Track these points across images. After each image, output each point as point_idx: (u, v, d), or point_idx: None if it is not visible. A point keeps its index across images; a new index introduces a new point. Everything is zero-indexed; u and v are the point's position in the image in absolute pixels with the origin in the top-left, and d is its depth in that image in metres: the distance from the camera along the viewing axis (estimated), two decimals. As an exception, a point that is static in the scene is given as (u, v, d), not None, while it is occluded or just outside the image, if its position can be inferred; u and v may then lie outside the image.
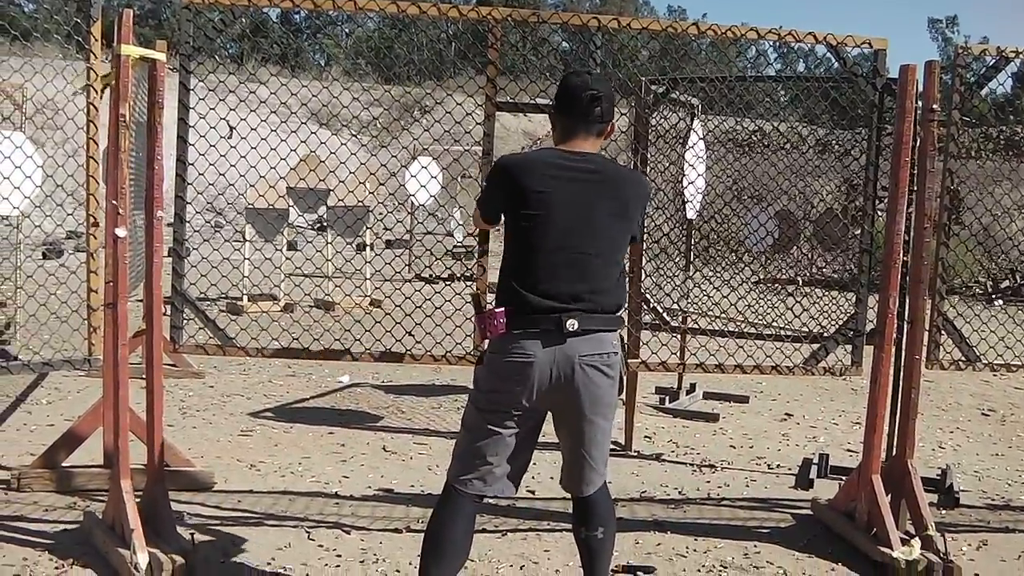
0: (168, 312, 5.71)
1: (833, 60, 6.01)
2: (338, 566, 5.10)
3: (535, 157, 4.22)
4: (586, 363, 4.06)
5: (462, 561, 4.27)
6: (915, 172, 5.59)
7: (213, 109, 5.45)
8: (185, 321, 5.65)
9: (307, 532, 5.55)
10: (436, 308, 6.06)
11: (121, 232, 4.99)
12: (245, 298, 13.70)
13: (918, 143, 5.58)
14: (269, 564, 5.08)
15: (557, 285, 4.04)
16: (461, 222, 18.97)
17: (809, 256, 12.98)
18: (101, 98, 5.59)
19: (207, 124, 5.52)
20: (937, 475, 6.63)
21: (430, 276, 8.72)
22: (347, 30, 53.69)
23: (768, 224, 8.39)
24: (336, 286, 14.75)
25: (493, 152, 5.60)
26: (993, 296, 16.81)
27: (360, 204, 13.41)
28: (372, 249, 15.86)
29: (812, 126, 8.70)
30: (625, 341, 4.74)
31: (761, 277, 9.10)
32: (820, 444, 7.92)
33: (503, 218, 4.23)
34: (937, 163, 5.64)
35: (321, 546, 5.36)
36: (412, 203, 17.76)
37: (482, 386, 4.19)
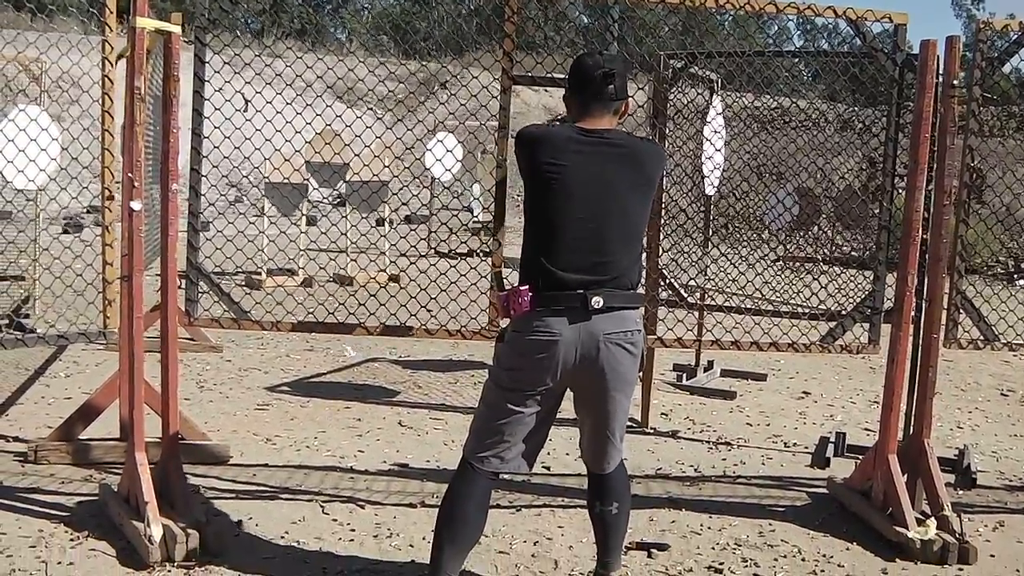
0: (183, 286, 5.71)
1: (856, 37, 5.96)
2: (351, 540, 5.11)
3: (552, 131, 4.20)
4: (610, 340, 4.05)
5: (476, 537, 4.28)
6: (935, 149, 5.54)
7: (228, 82, 5.43)
8: (201, 294, 5.65)
9: (321, 506, 5.56)
10: (451, 283, 6.05)
11: (136, 205, 4.99)
12: (264, 272, 13.71)
13: (938, 120, 5.53)
14: (283, 537, 5.09)
15: (581, 261, 4.02)
16: (478, 196, 18.92)
17: (828, 234, 12.93)
18: (116, 70, 5.58)
19: (223, 97, 5.50)
20: (954, 455, 6.60)
21: (448, 251, 8.72)
22: (367, 4, 53.56)
23: (787, 201, 8.34)
24: (353, 260, 14.72)
25: (509, 127, 5.57)
26: (1015, 276, 16.71)
27: (377, 179, 13.39)
28: (390, 224, 15.84)
29: (833, 103, 8.63)
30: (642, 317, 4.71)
31: (780, 254, 9.05)
32: (837, 423, 7.89)
33: (524, 196, 4.20)
34: (957, 140, 5.59)
35: (335, 520, 5.36)
36: (431, 178, 17.74)
37: (504, 364, 4.18)
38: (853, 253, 10.37)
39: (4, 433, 6.60)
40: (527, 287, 4.03)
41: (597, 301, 4.00)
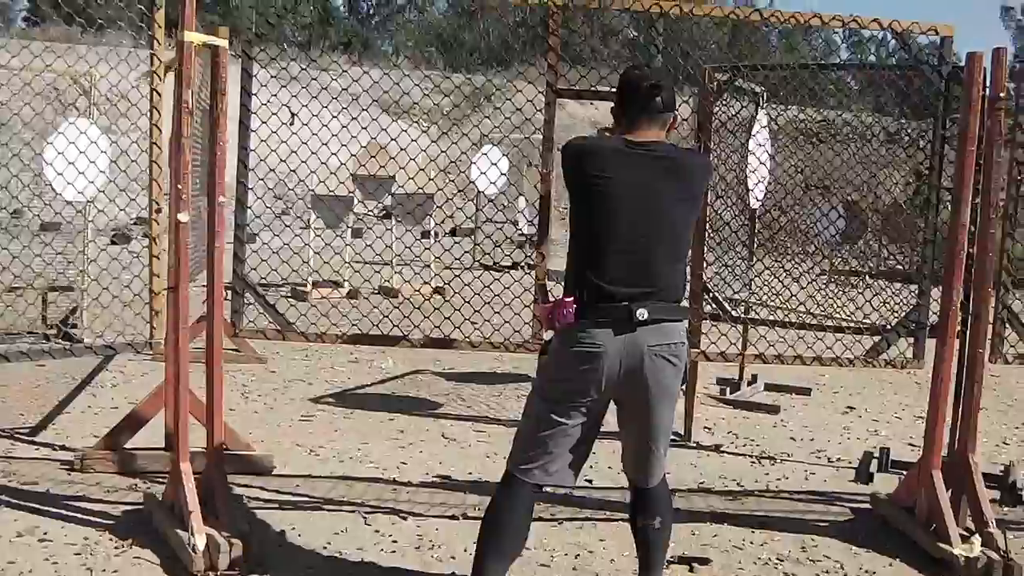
0: (229, 297, 5.76)
1: (901, 49, 5.93)
2: (394, 551, 5.13)
3: (599, 143, 4.22)
4: (655, 353, 4.06)
5: (519, 548, 4.30)
6: (981, 162, 5.51)
7: (275, 96, 5.49)
8: (246, 306, 5.70)
9: (364, 517, 5.59)
10: (495, 295, 6.06)
11: (183, 217, 5.05)
12: (309, 284, 13.79)
13: (984, 132, 5.49)
14: (325, 548, 5.12)
15: (626, 274, 4.04)
16: (523, 210, 18.96)
17: (875, 247, 12.87)
18: (164, 83, 5.66)
19: (269, 111, 5.56)
20: (1000, 471, 6.53)
21: (493, 264, 8.73)
22: (413, 17, 53.82)
23: (832, 215, 8.31)
24: (396, 273, 14.82)
25: (554, 139, 5.60)
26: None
27: (423, 191, 13.43)
28: (435, 237, 15.91)
29: (879, 115, 8.59)
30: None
31: (825, 269, 9.02)
32: (882, 438, 7.83)
33: (570, 207, 4.21)
34: (1004, 153, 5.55)
35: (377, 531, 5.39)
36: (476, 191, 17.80)
37: (548, 376, 4.20)
38: (899, 267, 10.31)
39: (51, 442, 6.69)
40: (572, 299, 4.05)
41: (642, 313, 4.00)
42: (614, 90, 4.36)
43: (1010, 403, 9.43)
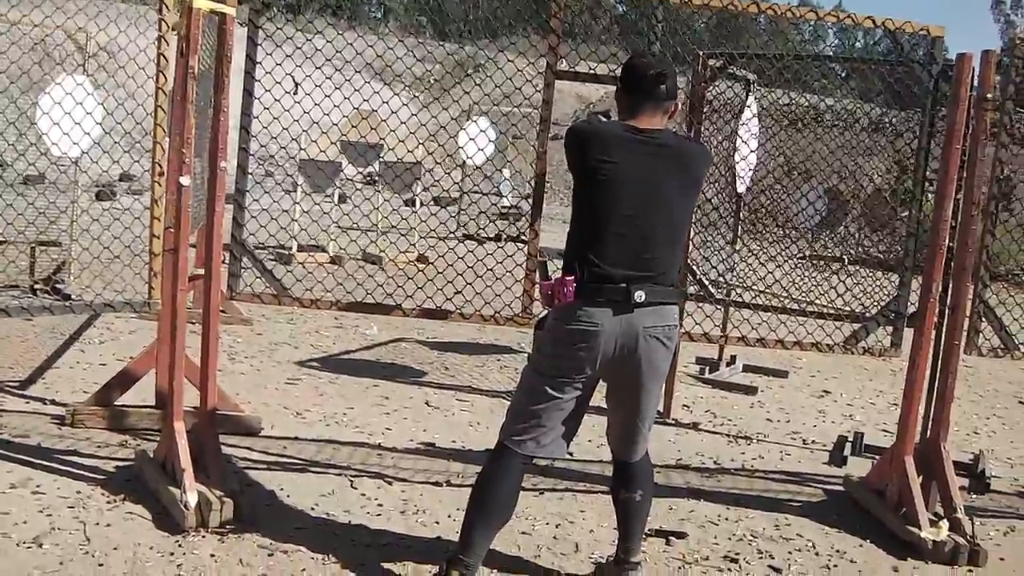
0: (227, 260, 5.84)
1: (890, 37, 6.03)
2: (379, 515, 5.26)
3: (604, 127, 4.31)
4: (650, 334, 4.19)
5: (507, 517, 4.42)
6: (965, 159, 5.64)
7: (279, 65, 5.56)
8: (243, 270, 5.79)
9: (350, 481, 5.71)
10: (488, 269, 6.16)
11: (185, 181, 5.14)
12: (295, 247, 13.86)
13: (970, 130, 5.62)
14: (313, 509, 5.24)
15: (626, 257, 4.14)
16: (508, 178, 19.04)
17: (856, 235, 13.00)
18: (170, 47, 5.73)
19: (273, 79, 5.63)
20: (970, 460, 6.71)
21: (475, 233, 8.81)
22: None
23: (817, 202, 8.44)
24: (377, 240, 14.90)
25: (550, 119, 5.70)
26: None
27: (412, 156, 13.49)
28: (422, 205, 15.96)
29: (862, 102, 8.69)
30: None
31: (807, 254, 9.14)
32: (856, 422, 8.00)
33: (573, 189, 4.32)
34: (988, 150, 5.68)
35: (364, 495, 5.52)
36: (462, 160, 17.85)
37: (545, 351, 4.31)
38: (879, 255, 10.45)
39: (41, 396, 6.78)
40: (573, 278, 4.16)
41: (640, 295, 4.12)
42: (612, 74, 4.46)
43: (982, 394, 9.61)
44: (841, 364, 10.04)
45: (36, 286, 9.89)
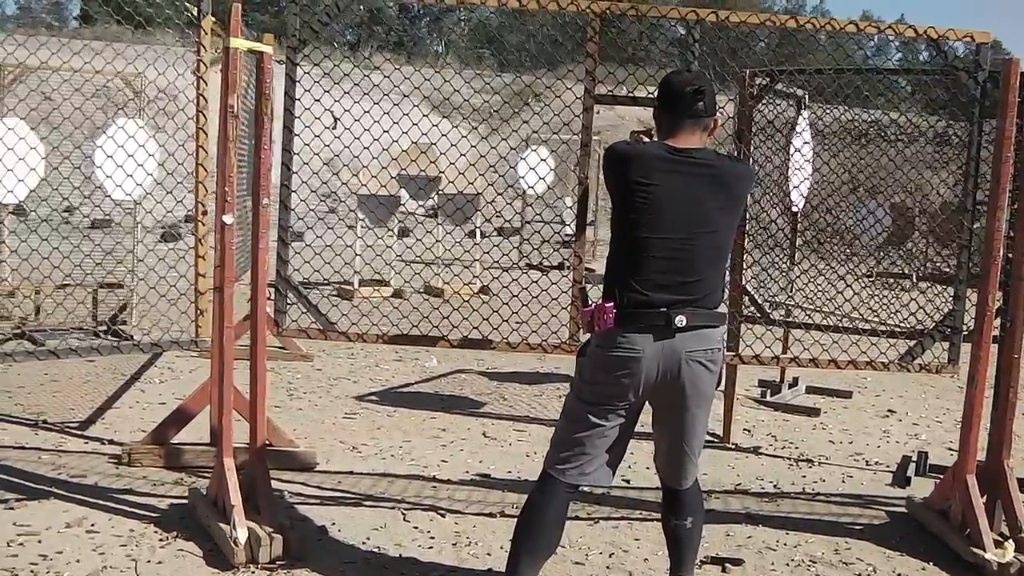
0: (272, 296, 5.87)
1: (933, 47, 5.92)
2: (431, 547, 5.23)
3: (643, 149, 4.26)
4: (692, 359, 4.12)
5: (553, 547, 4.37)
6: (1019, 167, 5.52)
7: (318, 101, 5.58)
8: (289, 305, 5.81)
9: (403, 514, 5.69)
10: (532, 297, 6.12)
11: (228, 219, 5.17)
12: (356, 283, 13.94)
13: (1022, 138, 5.51)
14: (364, 543, 5.23)
15: (667, 281, 4.09)
16: (571, 207, 19.01)
17: (924, 251, 12.79)
18: (209, 87, 5.78)
19: (312, 115, 5.65)
20: (1041, 477, 6.54)
21: (539, 263, 8.80)
22: (464, 17, 53.97)
23: (884, 218, 8.32)
24: (439, 272, 14.95)
25: (591, 144, 5.67)
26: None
27: (473, 188, 13.52)
28: (482, 236, 15.99)
29: (927, 115, 8.55)
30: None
31: (875, 272, 9.01)
32: (921, 442, 7.83)
33: (612, 212, 4.27)
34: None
35: (416, 527, 5.49)
36: (522, 190, 17.86)
37: (587, 378, 4.26)
38: (949, 271, 10.27)
39: (100, 436, 6.85)
40: (612, 304, 4.11)
41: (680, 320, 4.06)
42: (652, 96, 4.42)
43: (1056, 408, 9.36)
44: (907, 382, 9.86)
45: (99, 328, 10.02)
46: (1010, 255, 5.62)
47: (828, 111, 8.34)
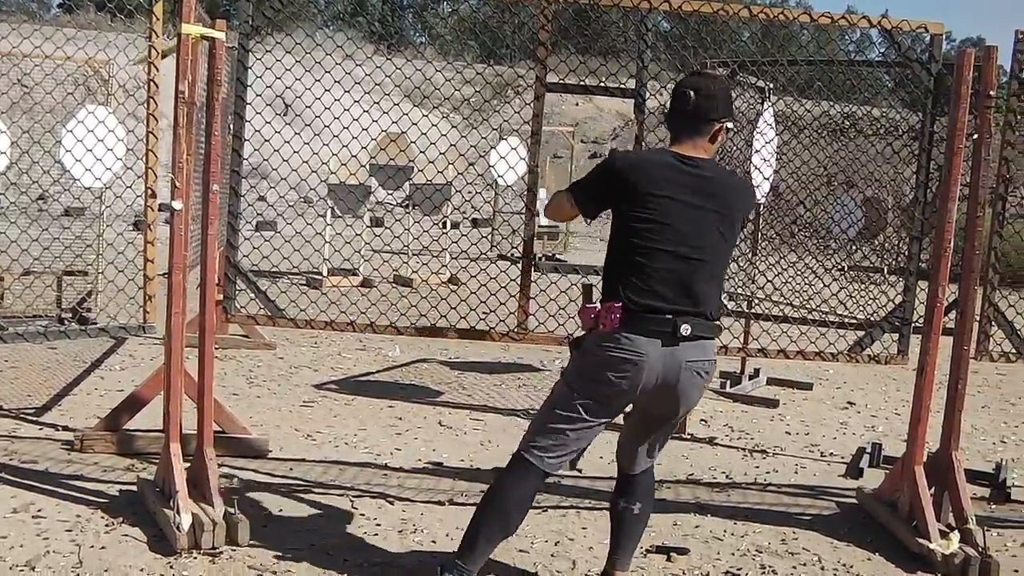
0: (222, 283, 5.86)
1: (887, 37, 5.94)
2: (376, 535, 5.22)
3: (650, 158, 4.28)
4: (691, 368, 4.17)
5: (511, 531, 4.39)
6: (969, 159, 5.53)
7: (269, 87, 5.57)
8: (238, 292, 5.80)
9: (351, 501, 5.68)
10: (502, 287, 6.12)
11: (177, 205, 5.16)
12: (325, 271, 13.91)
13: (974, 130, 5.51)
14: (310, 530, 5.22)
15: (671, 289, 4.12)
16: (543, 198, 19.01)
17: (896, 245, 12.81)
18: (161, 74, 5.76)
19: (263, 101, 5.64)
20: (992, 469, 6.57)
21: (510, 254, 8.82)
22: (449, 8, 53.92)
23: (855, 212, 8.35)
24: (409, 262, 14.94)
25: (541, 133, 5.67)
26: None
27: (442, 177, 13.48)
28: (454, 226, 15.98)
29: (908, 111, 8.56)
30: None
31: (835, 264, 9.03)
32: (879, 434, 7.86)
33: (612, 215, 4.27)
34: (992, 150, 5.57)
35: (363, 515, 5.48)
36: (496, 182, 17.83)
37: (585, 374, 4.26)
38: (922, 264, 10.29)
39: (55, 422, 6.82)
40: (620, 304, 4.11)
41: (686, 329, 4.09)
42: (602, 84, 4.42)
43: (1014, 402, 9.42)
44: (868, 375, 9.88)
45: (64, 315, 9.98)
46: (962, 245, 5.63)
47: (796, 104, 8.35)
